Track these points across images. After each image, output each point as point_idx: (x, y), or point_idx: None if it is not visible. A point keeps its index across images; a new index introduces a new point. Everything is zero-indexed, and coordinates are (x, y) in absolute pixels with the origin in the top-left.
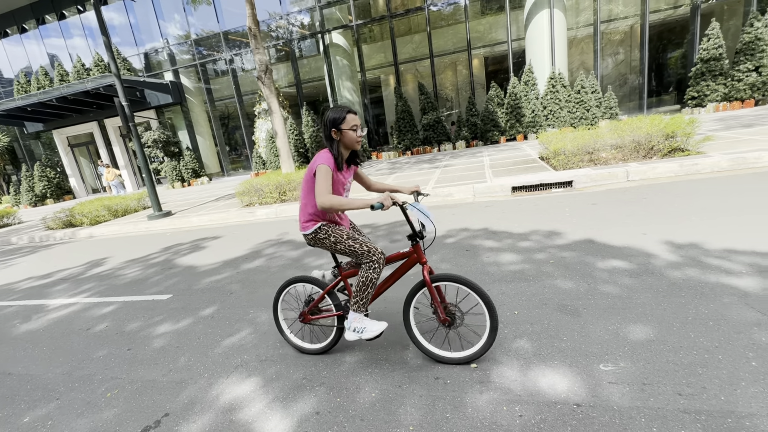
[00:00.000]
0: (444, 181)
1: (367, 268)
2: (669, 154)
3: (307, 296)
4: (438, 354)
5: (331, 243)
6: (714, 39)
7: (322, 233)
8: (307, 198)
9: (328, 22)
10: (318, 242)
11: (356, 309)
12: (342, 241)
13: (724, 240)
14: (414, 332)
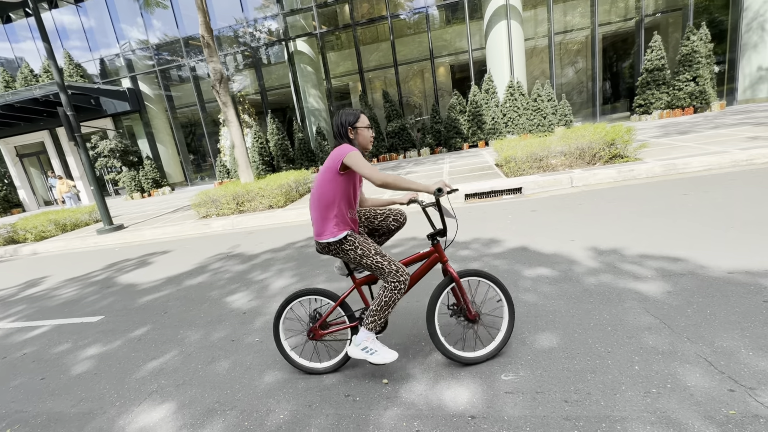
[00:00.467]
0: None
1: (392, 288)
2: (610, 161)
3: (312, 311)
4: (465, 356)
5: (356, 255)
6: (656, 51)
7: (347, 243)
8: (330, 197)
9: (293, 29)
10: (340, 252)
11: (370, 327)
12: (369, 255)
13: (641, 245)
14: (439, 336)
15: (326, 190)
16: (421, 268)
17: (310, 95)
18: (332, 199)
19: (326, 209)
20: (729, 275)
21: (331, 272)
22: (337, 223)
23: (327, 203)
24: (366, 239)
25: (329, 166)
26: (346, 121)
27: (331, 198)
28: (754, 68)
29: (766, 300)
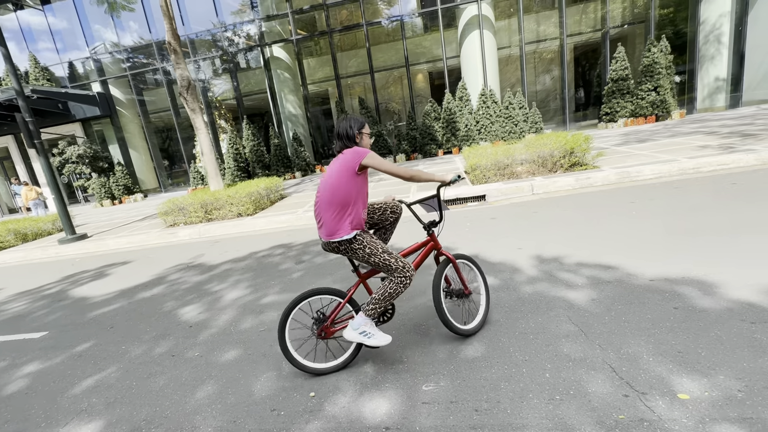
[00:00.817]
0: (371, 196)
1: (398, 282)
2: (570, 169)
3: (316, 312)
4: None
5: (365, 254)
6: (621, 61)
7: (357, 243)
8: (347, 196)
9: (269, 35)
10: (349, 251)
11: (370, 314)
12: (377, 253)
13: (581, 253)
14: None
15: (345, 190)
16: (421, 256)
17: (287, 101)
18: (351, 199)
19: (343, 209)
20: (650, 282)
21: (285, 282)
22: (351, 222)
23: (344, 203)
24: (373, 238)
25: (346, 167)
26: (355, 125)
27: (349, 197)
28: (711, 79)
29: (676, 307)
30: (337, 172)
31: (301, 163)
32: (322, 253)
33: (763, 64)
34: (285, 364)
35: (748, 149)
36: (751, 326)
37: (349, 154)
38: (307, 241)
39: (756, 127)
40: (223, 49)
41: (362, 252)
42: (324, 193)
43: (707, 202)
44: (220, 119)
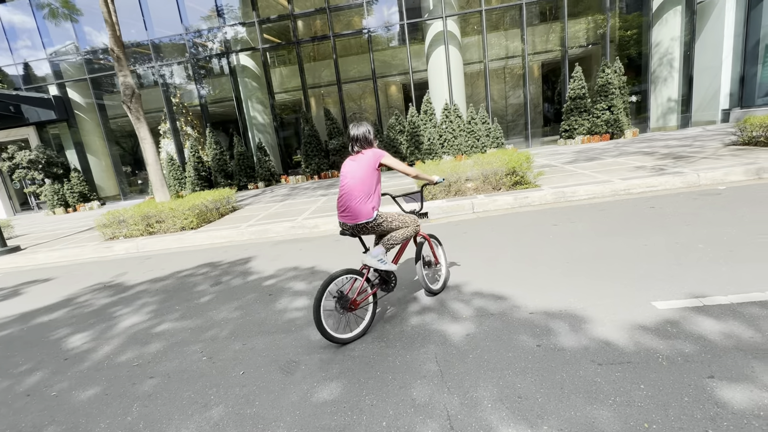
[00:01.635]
0: (319, 212)
1: (411, 230)
2: (513, 187)
3: (337, 292)
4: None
5: (389, 224)
6: (578, 80)
7: (380, 218)
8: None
9: (236, 43)
10: (376, 227)
11: (387, 248)
12: (396, 219)
13: (483, 280)
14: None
15: (368, 182)
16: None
17: (254, 109)
18: (373, 189)
19: (367, 197)
20: (530, 316)
21: (190, 308)
22: (374, 206)
23: (369, 192)
24: (387, 212)
25: (369, 164)
26: (372, 131)
27: (371, 188)
28: (665, 99)
29: (539, 345)
30: (362, 168)
31: (265, 173)
32: (242, 274)
33: (711, 86)
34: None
35: (676, 172)
36: (596, 368)
37: (371, 154)
38: (237, 259)
39: (692, 148)
40: (189, 55)
41: (387, 224)
42: (351, 187)
43: (619, 227)
44: (186, 125)
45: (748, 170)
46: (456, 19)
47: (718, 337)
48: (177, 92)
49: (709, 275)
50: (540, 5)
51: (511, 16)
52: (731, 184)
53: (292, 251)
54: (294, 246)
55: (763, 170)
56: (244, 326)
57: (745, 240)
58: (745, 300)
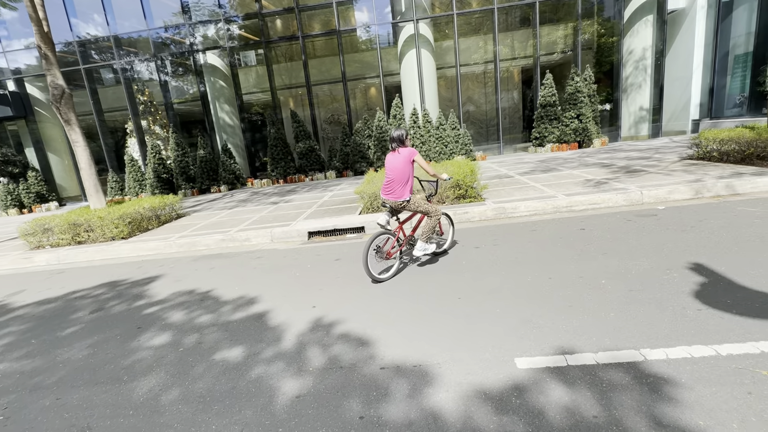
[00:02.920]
0: (258, 223)
1: (435, 219)
2: (457, 200)
3: (376, 246)
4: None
5: (416, 205)
6: (548, 88)
7: (411, 200)
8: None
9: (202, 41)
10: (409, 205)
11: (424, 239)
12: (421, 204)
13: (357, 319)
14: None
15: (406, 173)
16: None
17: (221, 110)
18: (409, 176)
19: (405, 183)
20: (378, 372)
21: (49, 341)
22: (409, 189)
23: (407, 179)
24: (415, 198)
25: (406, 159)
26: (406, 134)
27: (409, 177)
28: (636, 108)
29: (363, 416)
30: (401, 162)
31: (229, 176)
32: (132, 298)
33: (682, 97)
34: None
35: (622, 189)
36: None
37: (406, 152)
38: (143, 278)
39: (649, 161)
40: (152, 51)
41: (414, 205)
42: (395, 175)
43: (536, 253)
44: (154, 125)
45: (692, 188)
46: (429, 22)
47: (558, 416)
48: (145, 90)
49: (593, 323)
50: (512, 11)
51: (484, 21)
52: (673, 203)
53: (203, 270)
54: (210, 263)
55: (706, 189)
56: (79, 371)
57: (650, 277)
58: (613, 360)
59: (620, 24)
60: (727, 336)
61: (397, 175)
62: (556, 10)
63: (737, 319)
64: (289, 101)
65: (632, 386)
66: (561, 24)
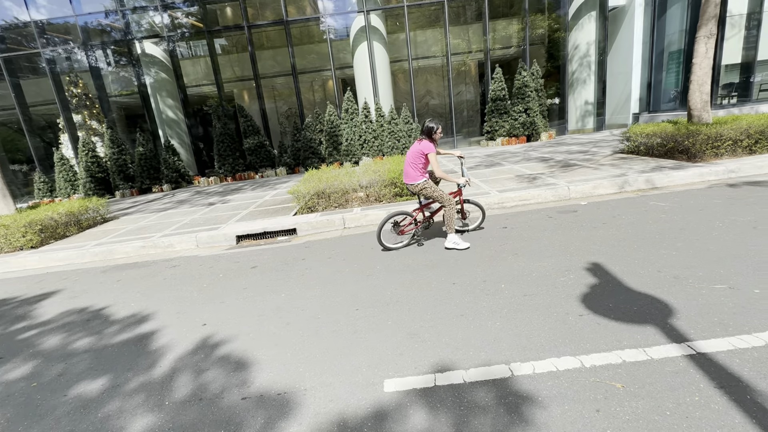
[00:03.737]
0: (188, 227)
1: (449, 208)
2: (394, 199)
3: (393, 222)
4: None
5: (430, 190)
6: (498, 82)
7: (426, 184)
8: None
9: (140, 31)
10: (422, 189)
11: (450, 231)
12: (436, 190)
13: (245, 339)
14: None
15: (416, 162)
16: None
17: (164, 104)
18: (419, 167)
19: (415, 170)
20: (240, 402)
21: None
22: (420, 176)
23: (416, 167)
24: (433, 184)
25: (419, 150)
26: (436, 127)
27: (418, 166)
28: (582, 102)
29: None
30: (415, 151)
31: (172, 174)
32: (10, 321)
33: (623, 91)
34: None
35: (552, 184)
36: None
37: (424, 145)
38: (37, 294)
39: (585, 156)
40: (81, 39)
41: (428, 190)
42: (409, 161)
43: (453, 255)
44: (90, 119)
45: (615, 183)
46: (380, 14)
47: None
48: (79, 81)
49: (477, 334)
50: (466, 4)
51: (439, 14)
52: (597, 198)
53: (108, 283)
54: (119, 275)
55: (628, 183)
56: None
57: (548, 279)
58: (482, 377)
59: (566, 19)
60: (597, 345)
61: (408, 161)
62: (511, 5)
63: (612, 325)
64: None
65: (491, 408)
66: (513, 18)
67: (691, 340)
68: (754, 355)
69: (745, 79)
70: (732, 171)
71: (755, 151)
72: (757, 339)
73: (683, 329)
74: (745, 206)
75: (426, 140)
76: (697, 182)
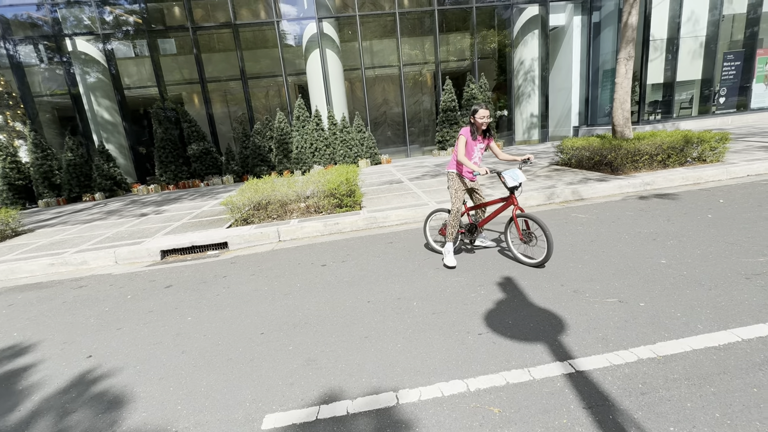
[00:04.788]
0: (108, 241)
1: (451, 219)
2: (334, 210)
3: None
4: (522, 259)
5: (449, 184)
6: (449, 93)
7: (449, 176)
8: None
9: (71, 25)
10: (447, 179)
11: (449, 239)
12: (451, 186)
13: (130, 372)
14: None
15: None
16: (500, 207)
17: (99, 106)
18: (455, 151)
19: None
20: None
21: None
22: (452, 164)
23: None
24: (456, 182)
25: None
26: (471, 111)
27: (455, 150)
28: (528, 115)
29: None
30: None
31: (106, 182)
32: None
33: (564, 105)
34: None
35: (488, 195)
36: None
37: (462, 130)
38: None
39: (525, 166)
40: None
41: (448, 182)
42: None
43: (377, 269)
44: (14, 121)
45: (544, 194)
46: (333, 22)
47: None
48: (0, 78)
49: (376, 358)
50: (416, 17)
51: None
52: (528, 208)
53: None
54: (13, 297)
55: (556, 195)
56: None
57: (460, 295)
58: (367, 407)
59: (511, 36)
60: (487, 366)
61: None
62: (464, 20)
63: (506, 344)
64: (193, 98)
65: None
66: (464, 33)
67: (574, 357)
68: (625, 372)
69: (667, 98)
70: (647, 183)
71: (668, 165)
72: (631, 354)
73: (569, 346)
74: (651, 218)
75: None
76: (616, 194)
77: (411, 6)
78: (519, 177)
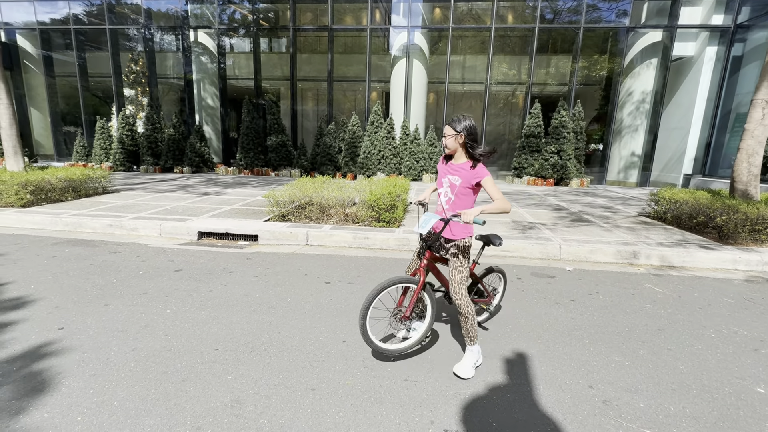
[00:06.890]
0: (164, 213)
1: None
2: (372, 223)
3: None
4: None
5: None
6: (535, 118)
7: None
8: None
9: (195, 18)
10: None
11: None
12: None
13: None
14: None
15: None
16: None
17: (205, 91)
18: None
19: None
20: None
21: None
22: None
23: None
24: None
25: None
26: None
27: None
28: (627, 153)
29: None
30: None
31: (195, 158)
32: None
33: (677, 148)
34: None
35: (546, 238)
36: None
37: None
38: None
39: (608, 211)
40: (142, 23)
41: None
42: None
43: None
44: (143, 96)
45: (617, 251)
46: (425, 33)
47: None
48: (139, 59)
49: (304, 421)
50: (511, 34)
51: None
52: (591, 264)
53: (42, 257)
54: (60, 251)
55: (635, 255)
56: None
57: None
58: None
59: (622, 63)
60: None
61: None
62: (563, 40)
63: None
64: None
65: None
66: (563, 55)
67: None
68: None
69: None
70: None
71: None
72: None
73: None
74: (759, 316)
75: None
76: (719, 269)
77: (515, 22)
78: (429, 223)
